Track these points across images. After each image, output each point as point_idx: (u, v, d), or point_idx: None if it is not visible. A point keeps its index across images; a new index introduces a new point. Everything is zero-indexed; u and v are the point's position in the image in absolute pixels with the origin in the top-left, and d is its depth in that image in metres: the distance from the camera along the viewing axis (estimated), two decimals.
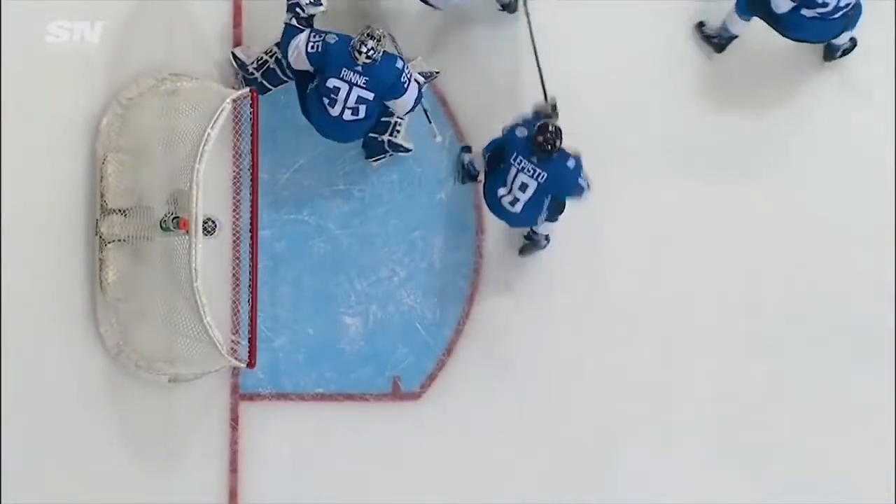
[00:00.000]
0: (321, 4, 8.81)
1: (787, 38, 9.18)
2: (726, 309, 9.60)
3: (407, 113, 9.01)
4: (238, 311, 9.10)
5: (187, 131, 8.63)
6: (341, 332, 9.45)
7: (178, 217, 8.69)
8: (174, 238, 8.73)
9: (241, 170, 9.12)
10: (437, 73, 9.31)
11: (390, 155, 9.30)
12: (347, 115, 8.83)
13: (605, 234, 9.56)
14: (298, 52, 8.74)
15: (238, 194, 9.25)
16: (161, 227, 8.82)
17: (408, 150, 9.31)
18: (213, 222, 8.78)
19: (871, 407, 9.62)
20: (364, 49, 8.68)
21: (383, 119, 9.07)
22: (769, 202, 9.62)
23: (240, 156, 9.14)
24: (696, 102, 9.59)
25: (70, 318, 9.21)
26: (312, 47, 8.74)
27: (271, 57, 9.12)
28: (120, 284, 9.10)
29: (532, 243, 9.39)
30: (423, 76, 9.06)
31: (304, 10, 8.77)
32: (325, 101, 8.82)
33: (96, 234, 9.13)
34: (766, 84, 9.62)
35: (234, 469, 9.36)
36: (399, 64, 8.81)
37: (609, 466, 9.56)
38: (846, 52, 9.51)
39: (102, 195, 9.11)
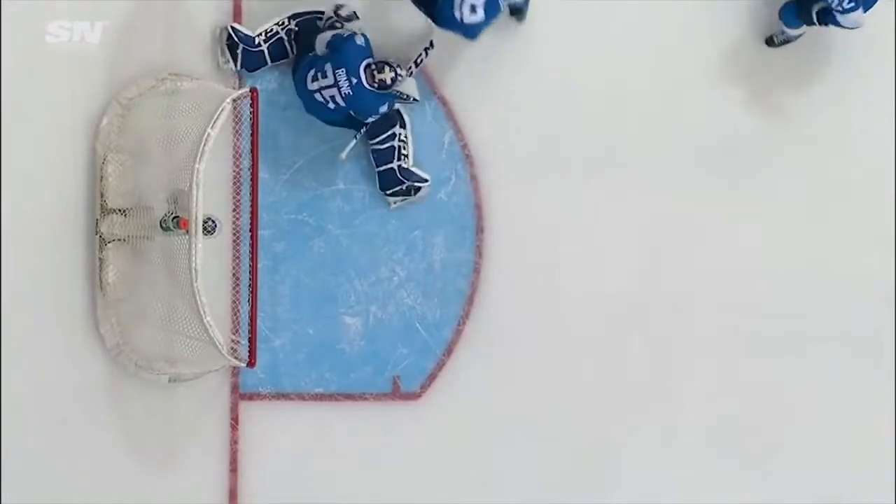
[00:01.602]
0: (357, 19, 9.14)
1: None
2: (726, 309, 9.59)
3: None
4: (238, 310, 9.11)
5: (187, 131, 8.63)
6: (341, 332, 9.45)
7: (178, 217, 8.68)
8: (174, 238, 8.73)
9: (241, 170, 9.13)
10: (416, 99, 9.33)
11: (406, 186, 9.32)
12: (318, 96, 9.03)
13: (605, 233, 9.55)
14: (328, 34, 9.04)
15: (238, 194, 9.25)
16: (161, 226, 8.81)
17: (425, 181, 9.38)
18: (213, 222, 8.77)
19: (871, 407, 9.61)
20: (382, 74, 8.90)
21: (387, 146, 9.25)
22: (769, 202, 9.61)
23: (240, 156, 9.15)
24: (695, 103, 9.58)
25: (70, 318, 9.21)
26: (343, 31, 9.01)
27: (283, 29, 9.17)
28: (120, 284, 9.10)
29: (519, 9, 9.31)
30: (401, 96, 9.20)
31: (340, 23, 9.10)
32: (312, 72, 9.02)
33: (96, 234, 9.13)
34: (765, 84, 9.61)
35: (234, 469, 9.37)
36: (384, 108, 9.05)
37: (609, 466, 9.56)
38: None
39: (102, 195, 9.11)
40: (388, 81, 8.94)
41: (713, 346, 9.60)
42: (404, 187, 9.35)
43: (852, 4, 8.98)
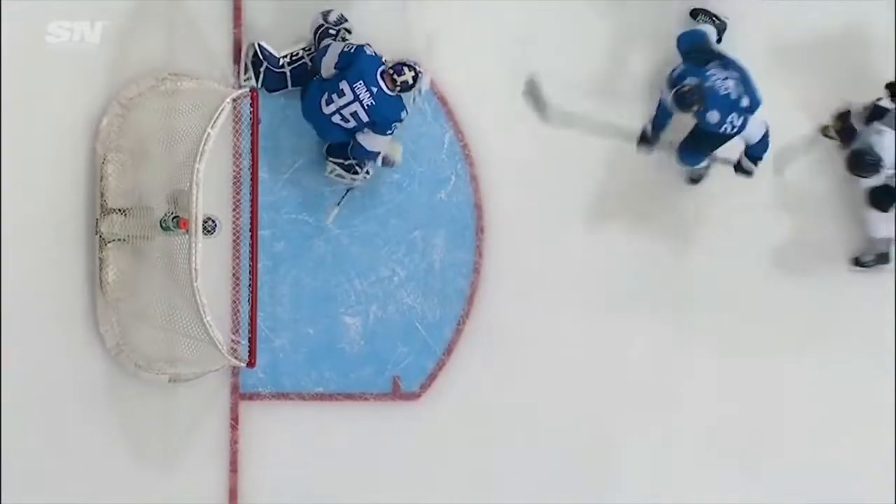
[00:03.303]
0: (346, 21, 9.13)
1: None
2: (726, 308, 9.59)
3: (362, 155, 9.09)
4: (238, 310, 9.11)
5: (187, 131, 8.63)
6: (341, 332, 9.45)
7: (178, 217, 8.68)
8: (174, 238, 8.73)
9: (241, 170, 9.13)
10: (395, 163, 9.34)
11: (347, 163, 9.25)
12: (335, 118, 9.02)
13: (605, 233, 9.55)
14: (332, 55, 8.97)
15: (238, 194, 9.25)
16: (161, 226, 8.81)
17: (366, 172, 9.29)
18: (213, 222, 8.77)
19: (871, 407, 9.61)
20: (403, 76, 8.87)
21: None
22: (768, 201, 9.61)
23: (240, 156, 9.15)
24: None
25: (70, 318, 9.21)
26: (347, 48, 8.96)
27: (308, 54, 9.18)
28: (120, 284, 9.10)
29: None
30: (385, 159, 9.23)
31: (334, 29, 9.08)
32: (325, 96, 8.97)
33: (96, 234, 9.14)
34: (765, 87, 9.61)
35: (234, 469, 9.37)
36: (403, 114, 9.02)
37: (609, 466, 9.56)
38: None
39: (102, 195, 9.11)
40: (411, 81, 8.93)
41: (713, 346, 9.59)
42: (346, 163, 9.27)
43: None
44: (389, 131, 9.05)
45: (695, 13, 9.42)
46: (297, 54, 9.24)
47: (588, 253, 9.56)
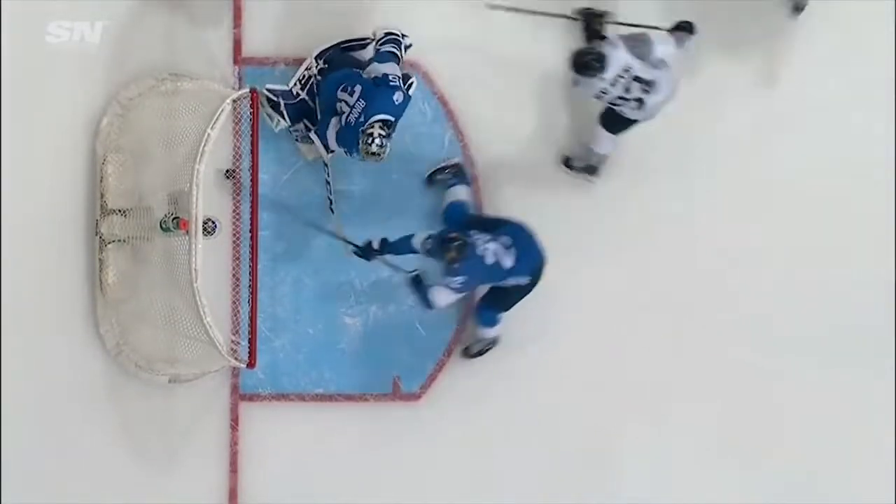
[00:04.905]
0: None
1: None
2: (726, 308, 9.59)
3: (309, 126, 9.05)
4: (238, 311, 9.12)
5: (187, 131, 8.64)
6: (341, 332, 9.45)
7: (177, 217, 8.69)
8: (174, 238, 8.74)
9: (241, 170, 9.13)
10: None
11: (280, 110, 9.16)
12: (338, 106, 8.87)
13: (604, 232, 9.55)
14: (380, 70, 8.82)
15: (238, 194, 9.25)
16: (161, 227, 8.82)
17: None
18: (213, 222, 8.79)
19: (871, 407, 9.61)
20: (371, 128, 8.66)
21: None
22: (770, 201, 9.61)
23: (240, 156, 9.15)
24: (694, 97, 9.52)
25: (70, 318, 9.23)
26: (393, 77, 8.80)
27: (316, 69, 9.15)
28: (120, 285, 9.11)
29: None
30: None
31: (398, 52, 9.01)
32: (344, 83, 8.86)
33: (96, 235, 9.15)
34: (766, 84, 9.62)
35: (234, 469, 9.38)
36: (355, 154, 8.78)
37: (609, 466, 9.57)
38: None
39: (102, 195, 9.12)
40: (371, 129, 8.66)
41: (712, 346, 9.60)
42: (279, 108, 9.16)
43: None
44: (339, 146, 8.90)
45: (432, 180, 9.39)
46: (304, 76, 9.17)
47: (587, 252, 9.55)
